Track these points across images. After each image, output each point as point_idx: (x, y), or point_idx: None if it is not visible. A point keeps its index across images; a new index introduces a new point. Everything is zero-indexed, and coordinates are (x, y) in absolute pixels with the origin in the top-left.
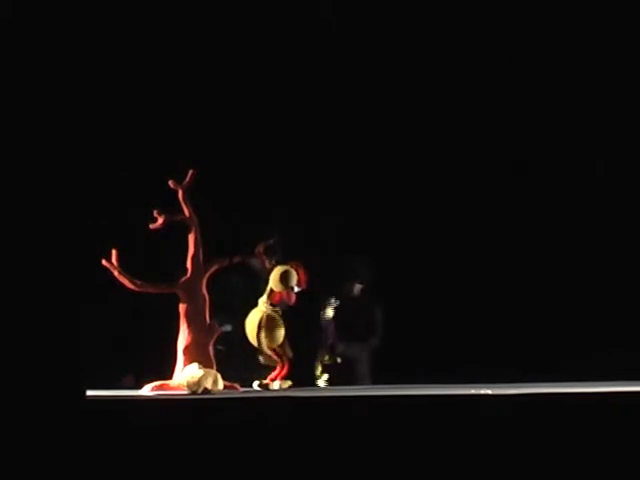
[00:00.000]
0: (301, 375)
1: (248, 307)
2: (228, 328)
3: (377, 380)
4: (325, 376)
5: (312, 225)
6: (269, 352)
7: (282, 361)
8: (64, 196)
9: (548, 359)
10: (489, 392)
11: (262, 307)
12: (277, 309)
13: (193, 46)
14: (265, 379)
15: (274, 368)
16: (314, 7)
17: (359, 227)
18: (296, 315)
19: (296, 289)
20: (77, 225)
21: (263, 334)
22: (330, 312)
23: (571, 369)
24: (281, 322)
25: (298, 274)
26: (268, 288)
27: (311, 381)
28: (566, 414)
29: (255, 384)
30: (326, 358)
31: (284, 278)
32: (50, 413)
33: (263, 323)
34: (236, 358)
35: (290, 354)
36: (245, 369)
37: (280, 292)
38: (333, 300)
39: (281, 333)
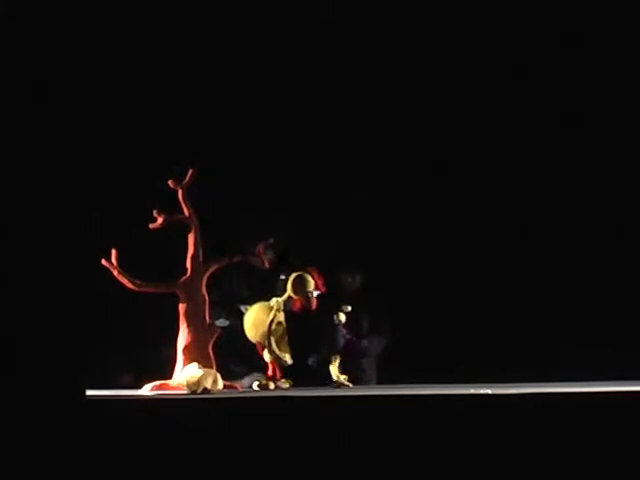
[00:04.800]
0: (301, 375)
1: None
2: (225, 323)
3: (378, 380)
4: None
5: (312, 225)
6: (277, 350)
7: (283, 362)
8: (64, 196)
9: (548, 359)
10: (489, 392)
11: (279, 310)
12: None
13: (193, 46)
14: (264, 379)
15: (278, 366)
16: (314, 8)
17: (360, 226)
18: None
19: (315, 294)
20: (77, 225)
21: (274, 333)
22: (342, 317)
23: (571, 369)
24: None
25: (314, 278)
26: (286, 295)
27: (316, 381)
28: (566, 414)
29: (255, 384)
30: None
31: (301, 284)
32: (50, 413)
33: (275, 323)
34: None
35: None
36: (238, 364)
37: (300, 299)
38: (345, 306)
39: (285, 336)
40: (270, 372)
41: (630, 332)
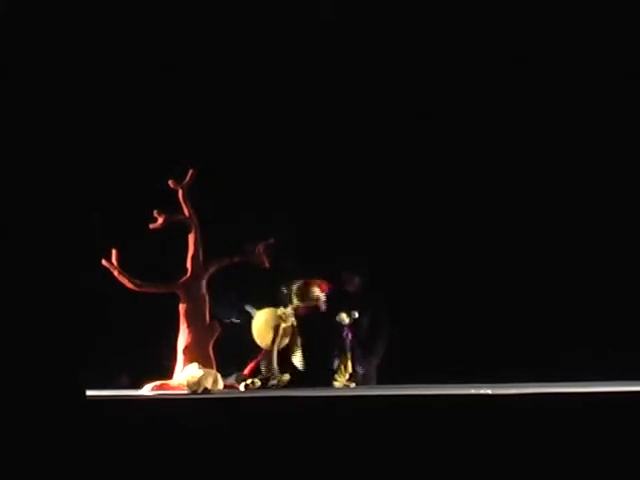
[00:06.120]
0: (301, 375)
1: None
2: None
3: (378, 380)
4: (343, 380)
5: (312, 225)
6: (277, 372)
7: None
8: (65, 197)
9: (548, 359)
10: (489, 392)
11: (286, 320)
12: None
13: (193, 46)
14: (248, 379)
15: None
16: (314, 8)
17: (360, 227)
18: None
19: (323, 298)
20: (77, 225)
21: (279, 340)
22: (346, 318)
23: (571, 369)
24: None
25: (316, 284)
26: (294, 305)
27: (316, 381)
28: (566, 414)
29: (241, 386)
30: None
31: (307, 292)
32: (50, 413)
33: (280, 336)
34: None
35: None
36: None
37: (307, 305)
38: (354, 312)
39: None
40: (247, 371)
41: (630, 332)
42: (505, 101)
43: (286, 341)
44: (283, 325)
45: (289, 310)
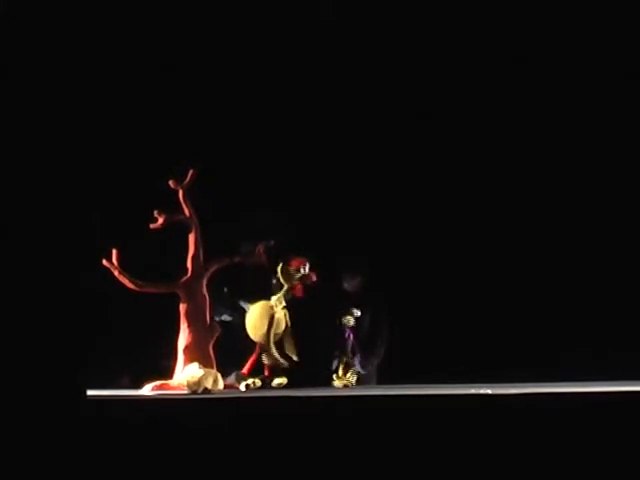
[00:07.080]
0: (302, 375)
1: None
2: (228, 318)
3: (378, 380)
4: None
5: (312, 225)
6: (276, 354)
7: (286, 361)
8: (65, 197)
9: (548, 359)
10: (489, 392)
11: (278, 307)
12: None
13: (193, 46)
14: (248, 379)
15: (269, 367)
16: (314, 8)
17: (359, 227)
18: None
19: (306, 270)
20: (77, 225)
21: (275, 332)
22: (351, 320)
23: (571, 369)
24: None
25: (293, 262)
26: (285, 288)
27: (316, 381)
28: (566, 414)
29: (242, 386)
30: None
31: (288, 271)
32: (50, 413)
33: (275, 324)
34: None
35: (295, 356)
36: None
37: (297, 283)
38: (355, 310)
39: (288, 331)
40: (246, 370)
41: (630, 332)
42: (505, 101)
43: (281, 328)
44: (277, 315)
45: (279, 296)
